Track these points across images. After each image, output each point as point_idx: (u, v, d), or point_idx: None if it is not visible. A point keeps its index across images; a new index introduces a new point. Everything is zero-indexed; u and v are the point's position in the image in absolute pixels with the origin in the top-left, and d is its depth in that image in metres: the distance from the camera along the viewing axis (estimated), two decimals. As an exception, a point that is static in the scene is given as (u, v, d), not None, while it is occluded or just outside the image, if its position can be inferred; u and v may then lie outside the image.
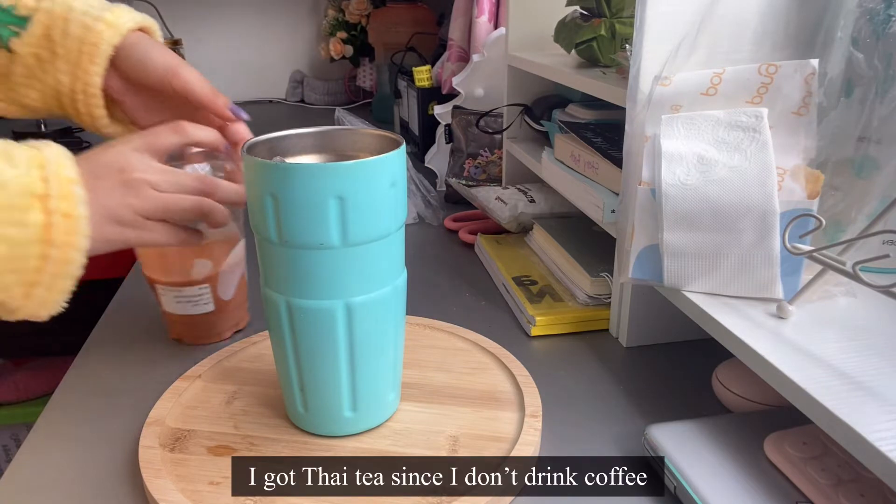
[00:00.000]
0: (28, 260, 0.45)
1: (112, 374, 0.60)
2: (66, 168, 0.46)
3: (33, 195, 0.44)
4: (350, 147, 0.50)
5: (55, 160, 0.46)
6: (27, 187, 0.44)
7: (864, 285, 0.40)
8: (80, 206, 0.46)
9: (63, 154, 0.47)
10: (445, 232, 0.94)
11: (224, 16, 1.92)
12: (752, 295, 0.51)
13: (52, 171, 0.45)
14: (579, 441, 0.51)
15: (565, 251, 0.72)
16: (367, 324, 0.46)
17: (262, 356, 0.60)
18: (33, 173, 0.45)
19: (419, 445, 0.48)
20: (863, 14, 0.49)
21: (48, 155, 0.46)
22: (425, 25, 1.57)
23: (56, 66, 0.57)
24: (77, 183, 0.46)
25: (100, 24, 0.56)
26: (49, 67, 0.57)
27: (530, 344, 0.65)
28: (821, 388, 0.39)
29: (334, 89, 1.93)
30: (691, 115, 0.53)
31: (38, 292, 0.46)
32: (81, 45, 0.56)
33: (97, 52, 0.56)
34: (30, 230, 0.44)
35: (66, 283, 0.47)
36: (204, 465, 0.47)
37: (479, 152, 1.01)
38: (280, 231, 0.43)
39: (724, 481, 0.42)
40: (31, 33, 0.56)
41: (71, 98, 0.58)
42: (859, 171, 0.51)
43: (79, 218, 0.46)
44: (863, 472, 0.41)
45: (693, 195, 0.51)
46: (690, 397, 0.56)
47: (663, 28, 0.53)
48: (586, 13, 0.76)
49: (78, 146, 1.56)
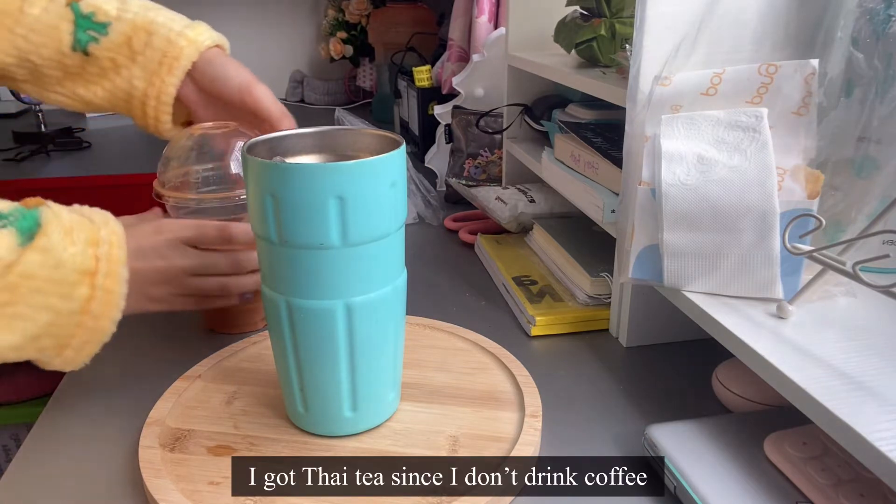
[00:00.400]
0: (67, 327, 0.49)
1: (112, 374, 0.60)
2: (117, 248, 0.50)
3: (85, 272, 0.48)
4: (350, 147, 0.50)
5: (108, 240, 0.50)
6: (81, 265, 0.48)
7: (864, 285, 0.40)
8: (122, 284, 0.50)
9: (117, 233, 0.51)
10: (445, 232, 0.94)
11: (224, 16, 1.92)
12: (752, 295, 0.51)
13: (105, 252, 0.49)
14: (579, 441, 0.51)
15: (565, 251, 0.72)
16: (367, 324, 0.46)
17: (262, 356, 0.60)
18: (88, 252, 0.49)
19: (419, 445, 0.48)
20: (863, 14, 0.49)
21: (103, 235, 0.50)
22: (425, 25, 1.57)
23: (132, 73, 0.64)
24: (124, 264, 0.50)
25: (182, 39, 0.63)
26: (124, 72, 0.64)
27: (530, 344, 0.65)
28: (821, 388, 0.39)
29: (334, 89, 1.93)
30: (691, 115, 0.53)
31: (67, 353, 0.50)
32: (162, 57, 0.63)
33: (177, 66, 0.63)
34: (75, 303, 0.48)
35: (94, 347, 0.51)
36: (204, 465, 0.47)
37: (479, 152, 1.01)
38: (280, 231, 0.43)
39: (724, 481, 0.42)
40: (110, 39, 0.63)
41: (142, 101, 0.64)
42: (859, 171, 0.51)
43: (119, 294, 0.50)
44: (863, 472, 0.41)
45: (693, 195, 0.51)
46: (690, 397, 0.56)
47: (663, 28, 0.53)
48: (586, 13, 0.76)
49: (78, 145, 1.56)
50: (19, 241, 0.45)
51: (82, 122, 1.77)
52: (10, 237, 0.45)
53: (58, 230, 0.47)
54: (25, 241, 0.45)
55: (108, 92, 0.65)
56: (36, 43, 0.63)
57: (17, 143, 1.55)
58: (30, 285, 0.45)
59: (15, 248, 0.45)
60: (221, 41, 0.67)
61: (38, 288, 0.46)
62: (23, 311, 0.46)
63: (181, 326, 0.68)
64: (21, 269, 0.45)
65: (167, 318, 0.69)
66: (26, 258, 0.45)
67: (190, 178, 0.63)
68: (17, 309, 0.45)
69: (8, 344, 0.46)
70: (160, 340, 0.66)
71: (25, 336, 0.47)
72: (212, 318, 0.67)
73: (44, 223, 0.47)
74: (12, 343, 0.46)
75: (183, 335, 0.66)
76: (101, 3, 0.64)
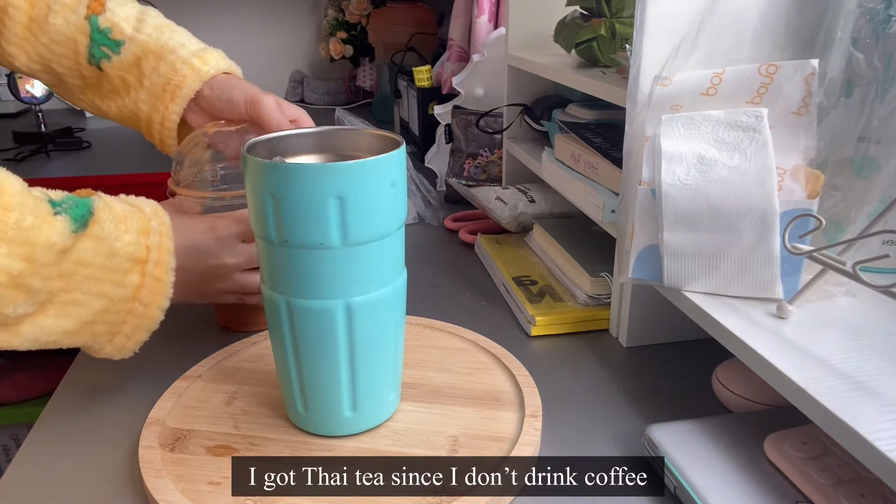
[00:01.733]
0: (119, 314, 0.50)
1: (112, 374, 0.60)
2: (166, 238, 0.52)
3: (137, 261, 0.50)
4: (350, 147, 0.50)
5: (158, 230, 0.52)
6: (134, 254, 0.50)
7: (864, 285, 0.40)
8: (170, 272, 0.52)
9: (166, 223, 0.53)
10: (445, 232, 0.94)
11: (224, 16, 1.92)
12: (752, 295, 0.51)
13: (155, 241, 0.51)
14: (579, 441, 0.51)
15: (565, 251, 0.72)
16: (367, 324, 0.46)
17: (262, 356, 0.60)
18: (140, 241, 0.50)
19: (419, 445, 0.48)
20: (863, 14, 0.49)
21: (154, 225, 0.52)
22: (425, 25, 1.57)
23: (139, 95, 0.65)
24: (172, 253, 0.52)
25: (186, 68, 0.63)
26: (133, 93, 0.65)
27: (530, 344, 0.65)
28: (821, 388, 0.39)
29: (334, 89, 1.93)
30: (691, 115, 0.53)
31: (118, 340, 0.52)
32: (166, 84, 0.63)
33: (179, 94, 0.63)
34: (127, 290, 0.50)
35: (144, 334, 0.53)
36: (204, 465, 0.47)
37: (479, 152, 1.01)
38: (280, 231, 0.43)
39: (724, 481, 0.42)
40: (122, 59, 0.64)
41: (147, 124, 0.66)
42: (859, 171, 0.51)
43: (167, 283, 0.52)
44: (863, 472, 0.41)
45: (693, 195, 0.51)
46: (690, 397, 0.56)
47: (663, 28, 0.53)
48: (586, 13, 0.76)
49: (78, 145, 1.56)
50: (73, 227, 0.46)
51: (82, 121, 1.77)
52: (64, 224, 0.45)
53: (110, 219, 0.48)
54: (79, 229, 0.46)
55: (119, 109, 0.67)
56: (57, 53, 0.64)
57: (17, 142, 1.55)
58: (84, 272, 0.47)
59: (69, 235, 0.45)
60: (231, 69, 0.67)
61: (92, 275, 0.47)
62: (78, 297, 0.47)
63: (181, 326, 0.68)
64: (76, 256, 0.46)
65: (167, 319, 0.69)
66: (81, 245, 0.46)
67: (204, 175, 0.63)
68: (72, 296, 0.46)
69: (63, 329, 0.47)
70: (160, 340, 0.65)
71: (80, 322, 0.48)
72: (227, 316, 0.67)
73: (96, 211, 0.47)
74: (67, 328, 0.47)
75: (183, 335, 0.66)
76: (119, 20, 0.64)
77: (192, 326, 0.68)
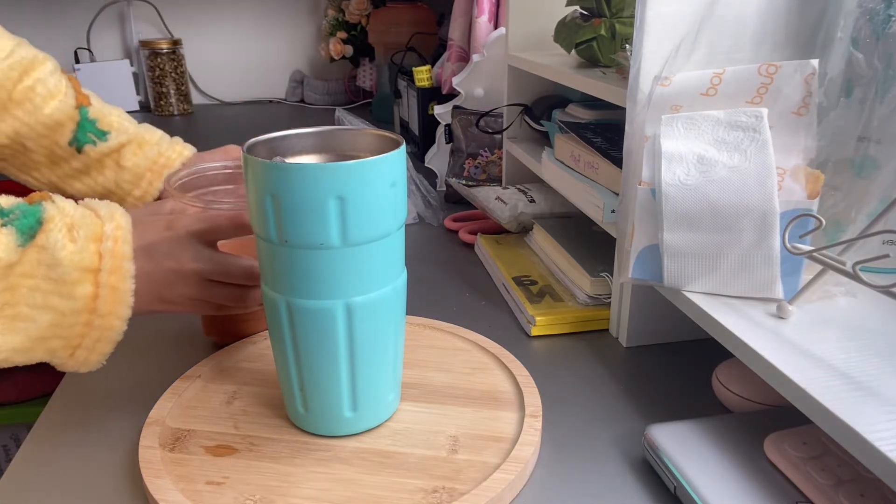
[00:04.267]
0: (73, 327, 0.47)
1: (112, 375, 0.60)
2: (122, 244, 0.48)
3: (87, 270, 0.46)
4: (350, 147, 0.50)
5: (112, 235, 0.48)
6: (80, 263, 0.46)
7: (864, 285, 0.40)
8: (128, 280, 0.48)
9: (122, 227, 0.49)
10: (445, 232, 0.94)
11: (224, 16, 1.92)
12: (752, 295, 0.51)
13: (108, 248, 0.48)
14: (579, 441, 0.51)
15: (565, 251, 0.72)
16: (367, 324, 0.46)
17: (262, 356, 0.60)
18: (90, 248, 0.47)
19: (419, 445, 0.48)
20: (863, 14, 0.49)
21: (107, 230, 0.48)
22: (425, 25, 1.57)
23: (119, 175, 0.75)
24: (129, 259, 0.48)
25: (171, 152, 0.77)
26: (110, 173, 0.75)
27: (530, 344, 0.65)
28: (821, 388, 0.39)
29: (334, 89, 1.93)
30: (691, 115, 0.53)
31: (80, 353, 0.49)
32: (153, 165, 0.76)
33: (165, 171, 0.76)
34: (78, 302, 0.46)
35: (107, 346, 0.49)
36: (204, 465, 0.47)
37: (479, 152, 1.01)
38: (280, 231, 0.43)
39: (724, 481, 0.42)
40: (106, 145, 0.74)
41: (120, 197, 0.76)
42: (859, 171, 0.51)
43: (125, 291, 0.48)
44: (863, 472, 0.41)
45: (693, 195, 0.51)
46: (690, 397, 0.56)
47: (663, 28, 0.53)
48: (586, 13, 0.76)
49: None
50: (19, 241, 0.44)
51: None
52: (10, 237, 0.43)
53: (59, 227, 0.46)
54: (26, 242, 0.44)
55: (88, 187, 0.75)
56: (38, 132, 0.71)
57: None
58: (28, 284, 0.44)
59: (15, 249, 0.43)
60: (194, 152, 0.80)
61: (37, 286, 0.45)
62: (24, 311, 0.44)
63: (181, 326, 0.68)
64: (21, 269, 0.44)
65: (167, 318, 0.69)
66: (26, 257, 0.44)
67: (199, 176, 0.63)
68: (17, 310, 0.44)
69: (11, 346, 0.45)
70: (160, 341, 0.66)
71: (30, 338, 0.45)
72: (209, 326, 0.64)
73: (46, 220, 0.45)
74: (16, 345, 0.45)
75: (183, 335, 0.66)
76: (105, 114, 0.75)
77: (192, 326, 0.68)
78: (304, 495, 0.44)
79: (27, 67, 0.70)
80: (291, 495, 0.44)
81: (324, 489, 0.44)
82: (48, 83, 0.70)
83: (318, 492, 0.44)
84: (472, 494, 0.43)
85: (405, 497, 0.43)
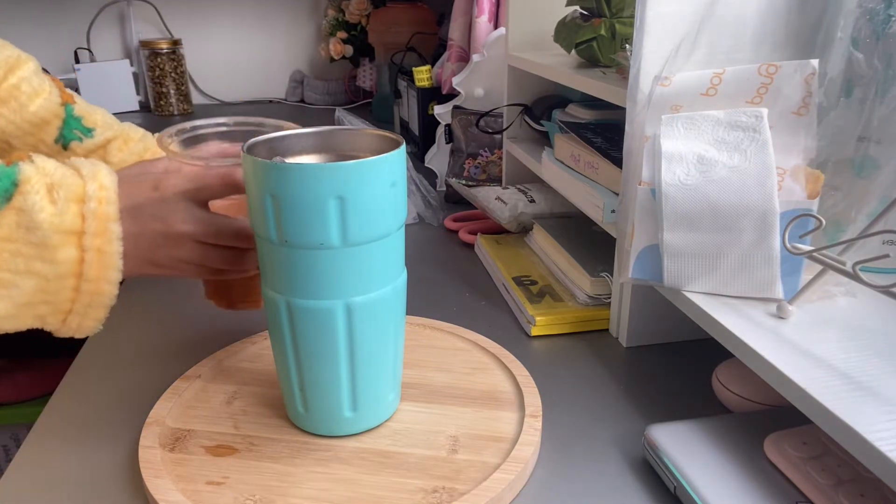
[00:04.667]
0: (60, 293, 0.45)
1: (112, 374, 0.60)
2: (108, 204, 0.46)
3: (69, 232, 0.45)
4: (350, 147, 0.50)
5: (96, 195, 0.46)
6: (61, 226, 0.44)
7: (864, 285, 0.40)
8: (115, 242, 0.46)
9: (109, 187, 0.47)
10: (445, 232, 0.94)
11: (224, 16, 1.92)
12: (752, 295, 0.51)
13: (91, 209, 0.45)
14: (579, 441, 0.51)
15: (565, 251, 0.72)
16: (367, 324, 0.46)
17: (262, 356, 0.60)
18: (72, 209, 0.45)
19: (419, 445, 0.48)
20: (863, 14, 0.49)
21: (90, 190, 0.46)
22: (425, 25, 1.57)
23: None
24: (115, 220, 0.46)
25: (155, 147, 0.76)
26: None
27: (530, 344, 0.65)
28: (821, 388, 0.39)
29: (334, 89, 1.93)
30: (691, 115, 0.53)
31: (72, 319, 0.47)
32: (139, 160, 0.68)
33: None
34: (61, 266, 0.45)
35: (101, 311, 0.48)
36: (204, 465, 0.47)
37: (479, 152, 1.01)
38: (280, 231, 0.43)
39: (724, 481, 0.42)
40: (92, 141, 0.74)
41: None
42: (859, 171, 0.51)
43: (112, 254, 0.46)
44: (863, 472, 0.41)
45: (693, 195, 0.51)
46: (690, 397, 0.56)
47: (663, 28, 0.53)
48: (586, 13, 0.76)
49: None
50: None
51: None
52: None
53: (37, 188, 0.44)
54: (2, 203, 0.42)
55: None
56: (24, 130, 0.70)
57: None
58: (10, 249, 0.43)
59: None
60: None
61: (18, 251, 0.43)
62: (5, 277, 0.43)
63: (182, 326, 0.68)
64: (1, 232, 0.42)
65: (168, 318, 0.69)
66: (4, 220, 0.42)
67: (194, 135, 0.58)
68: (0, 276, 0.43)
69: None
70: (160, 340, 0.66)
71: (15, 304, 0.44)
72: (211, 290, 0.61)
73: (21, 181, 0.43)
74: (1, 312, 0.44)
75: (183, 335, 0.66)
76: (90, 112, 0.74)
77: (192, 326, 0.68)
78: (304, 495, 0.44)
79: (12, 66, 0.69)
80: (291, 495, 0.44)
81: (324, 489, 0.44)
82: (33, 81, 0.70)
83: (318, 492, 0.44)
84: (472, 494, 0.43)
85: (405, 497, 0.44)
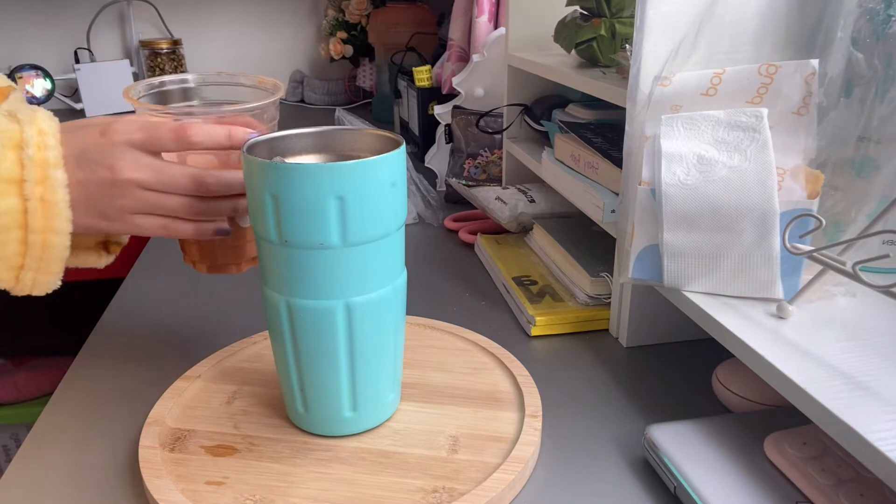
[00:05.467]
0: (7, 245, 0.43)
1: (112, 374, 0.60)
2: (47, 150, 0.43)
3: (7, 181, 0.42)
4: (350, 147, 0.50)
5: (36, 141, 0.43)
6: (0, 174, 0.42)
7: (864, 285, 0.40)
8: (60, 190, 0.43)
9: (48, 132, 0.43)
10: (445, 232, 0.94)
11: (224, 16, 1.92)
12: (752, 295, 0.51)
13: (30, 155, 0.42)
14: (579, 441, 0.51)
15: (565, 251, 0.72)
16: (367, 324, 0.46)
17: (262, 356, 0.60)
18: (9, 156, 0.42)
19: (419, 445, 0.48)
20: (863, 14, 0.49)
21: (29, 135, 0.43)
22: (425, 25, 1.57)
23: None
24: (57, 167, 0.43)
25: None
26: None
27: (530, 344, 0.65)
28: (821, 388, 0.39)
29: (334, 89, 1.93)
30: (691, 115, 0.53)
31: (26, 275, 0.45)
32: None
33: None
34: (3, 217, 0.42)
35: (55, 265, 0.45)
36: (204, 465, 0.47)
37: (479, 152, 1.01)
38: (280, 231, 0.43)
39: (724, 481, 0.42)
40: None
41: None
42: (859, 171, 0.51)
43: (58, 203, 0.43)
44: (863, 472, 0.41)
45: (693, 195, 0.51)
46: (690, 397, 0.56)
47: (663, 28, 0.53)
48: (586, 13, 0.76)
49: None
50: None
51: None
52: None
53: None
54: None
55: None
56: None
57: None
58: None
59: None
60: None
61: None
62: None
63: (182, 326, 0.68)
64: None
65: (168, 318, 0.69)
66: None
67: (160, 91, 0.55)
68: None
69: None
70: (160, 340, 0.66)
71: None
72: (189, 251, 0.57)
73: None
74: None
75: (183, 335, 0.66)
76: None
77: (192, 326, 0.68)
78: (304, 495, 0.44)
79: None
80: (291, 495, 0.44)
81: (324, 489, 0.44)
82: None
83: (318, 492, 0.44)
84: (472, 494, 0.43)
85: (405, 497, 0.44)
